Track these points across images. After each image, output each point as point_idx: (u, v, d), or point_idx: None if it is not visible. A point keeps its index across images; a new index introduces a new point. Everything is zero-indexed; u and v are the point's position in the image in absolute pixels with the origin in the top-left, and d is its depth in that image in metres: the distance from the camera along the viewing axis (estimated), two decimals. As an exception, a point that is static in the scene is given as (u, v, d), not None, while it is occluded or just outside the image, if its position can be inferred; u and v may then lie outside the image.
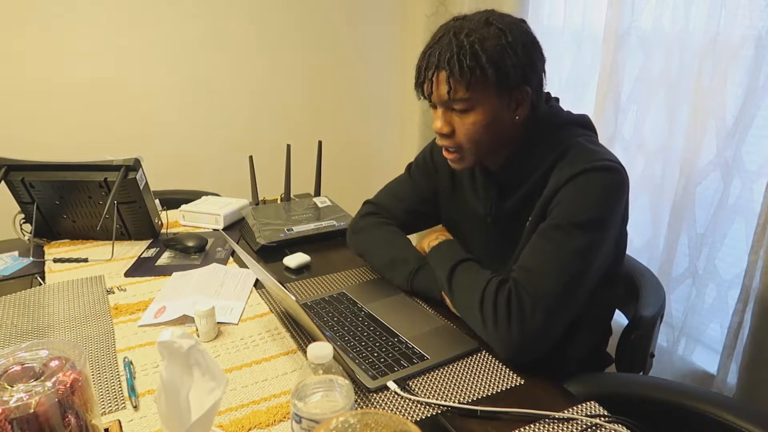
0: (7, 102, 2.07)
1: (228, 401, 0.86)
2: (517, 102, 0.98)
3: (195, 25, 2.27)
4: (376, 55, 2.65)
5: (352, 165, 2.73)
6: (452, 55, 0.93)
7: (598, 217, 0.93)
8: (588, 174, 0.94)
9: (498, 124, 0.98)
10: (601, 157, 0.95)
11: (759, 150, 1.37)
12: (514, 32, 0.95)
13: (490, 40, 0.93)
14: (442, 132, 1.01)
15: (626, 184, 0.97)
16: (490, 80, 0.94)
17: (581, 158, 0.96)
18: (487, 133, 0.99)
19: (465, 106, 0.96)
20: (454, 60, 0.93)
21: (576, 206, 0.93)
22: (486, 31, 0.94)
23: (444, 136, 1.01)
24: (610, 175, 0.94)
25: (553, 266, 0.93)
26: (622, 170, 0.96)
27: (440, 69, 0.95)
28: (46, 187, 1.39)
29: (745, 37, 1.33)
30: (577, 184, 0.94)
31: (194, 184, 2.12)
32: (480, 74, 0.93)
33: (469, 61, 0.92)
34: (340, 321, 1.07)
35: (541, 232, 0.96)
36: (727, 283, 1.49)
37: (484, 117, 0.97)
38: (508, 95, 0.97)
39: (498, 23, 0.95)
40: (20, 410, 0.60)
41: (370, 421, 0.56)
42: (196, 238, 1.42)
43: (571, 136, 1.01)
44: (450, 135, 1.01)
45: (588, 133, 1.05)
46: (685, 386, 0.94)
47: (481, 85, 0.94)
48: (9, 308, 1.15)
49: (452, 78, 0.94)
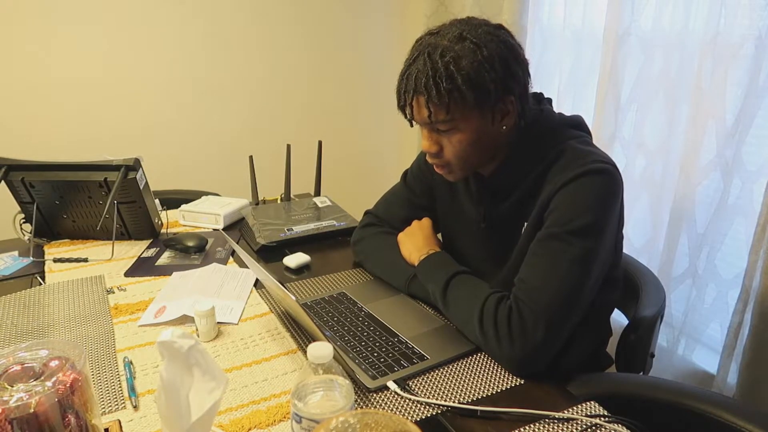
0: (7, 102, 2.07)
1: (228, 401, 0.86)
2: (503, 113, 0.97)
3: (195, 25, 2.27)
4: (376, 55, 2.65)
5: (352, 165, 2.73)
6: (428, 78, 0.91)
7: (593, 223, 0.92)
8: (581, 179, 0.93)
9: (484, 138, 0.98)
10: (594, 159, 0.95)
11: (759, 150, 1.37)
12: (489, 46, 0.92)
13: (465, 59, 0.91)
14: (430, 152, 1.00)
15: (620, 185, 0.96)
16: (468, 101, 0.92)
17: (574, 162, 0.95)
18: (474, 149, 0.98)
19: (448, 126, 0.96)
20: (431, 83, 0.91)
21: (571, 213, 0.93)
22: (460, 48, 0.91)
23: (432, 155, 1.01)
24: (604, 178, 0.93)
25: (553, 279, 0.92)
26: (615, 171, 0.95)
27: (418, 93, 0.94)
28: (46, 187, 1.39)
29: (745, 37, 1.33)
30: (570, 190, 0.93)
31: (194, 184, 2.11)
32: (458, 96, 0.92)
33: (445, 84, 0.91)
34: (340, 321, 1.07)
35: (538, 242, 0.96)
36: (727, 283, 1.49)
37: (469, 135, 0.96)
38: (490, 110, 0.96)
39: (472, 38, 0.92)
40: (20, 410, 0.61)
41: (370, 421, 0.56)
42: (196, 238, 1.42)
43: (564, 138, 1.00)
44: (438, 154, 1.00)
45: (581, 133, 1.04)
46: (685, 386, 0.93)
47: (461, 106, 0.93)
48: (9, 308, 1.15)
49: (430, 102, 0.93)
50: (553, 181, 0.96)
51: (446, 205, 1.21)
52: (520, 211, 1.04)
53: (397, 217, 1.28)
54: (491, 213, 1.09)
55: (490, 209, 1.09)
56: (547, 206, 0.96)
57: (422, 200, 1.25)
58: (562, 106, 1.93)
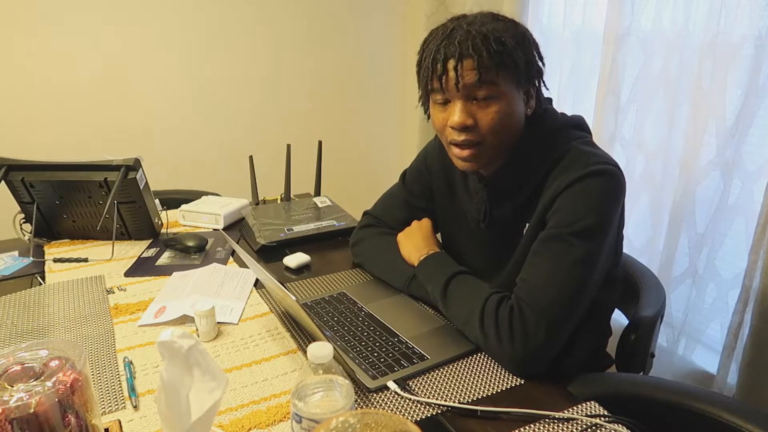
0: (7, 102, 2.07)
1: (228, 401, 0.86)
2: (528, 96, 0.99)
3: (195, 26, 2.27)
4: (376, 54, 2.65)
5: (352, 165, 2.73)
6: (477, 41, 0.91)
7: (596, 224, 0.92)
8: (585, 180, 0.93)
9: (516, 116, 0.97)
10: (597, 161, 0.95)
11: (759, 150, 1.37)
12: (521, 28, 0.96)
13: (507, 31, 0.93)
14: (465, 124, 0.94)
15: (623, 186, 0.96)
16: (518, 66, 0.93)
17: (578, 163, 0.95)
18: (508, 124, 0.96)
19: (491, 92, 0.92)
20: (481, 46, 0.90)
21: (574, 214, 0.93)
22: (498, 25, 0.94)
23: (466, 129, 0.95)
24: (607, 180, 0.94)
25: (555, 279, 0.92)
26: (618, 172, 0.95)
27: (465, 57, 0.91)
28: (46, 187, 1.39)
29: (745, 37, 1.33)
30: (574, 192, 0.93)
31: (194, 184, 2.11)
32: (509, 59, 0.92)
33: (496, 46, 0.91)
34: (340, 321, 1.07)
35: (540, 243, 0.96)
36: (727, 283, 1.49)
37: (506, 106, 0.94)
38: (525, 87, 0.97)
39: (505, 19, 0.95)
40: (20, 410, 0.60)
41: (370, 421, 0.56)
42: (196, 238, 1.42)
43: (567, 139, 1.00)
44: (472, 128, 0.95)
45: (583, 134, 1.04)
46: (685, 386, 0.93)
47: (510, 71, 0.93)
48: (9, 308, 1.15)
49: (481, 65, 0.90)
50: (556, 182, 0.96)
51: (446, 206, 1.20)
52: (521, 212, 1.03)
53: (395, 218, 1.27)
54: (491, 213, 1.09)
55: (491, 209, 1.08)
56: (550, 207, 0.96)
57: (421, 201, 1.25)
58: (562, 106, 1.92)
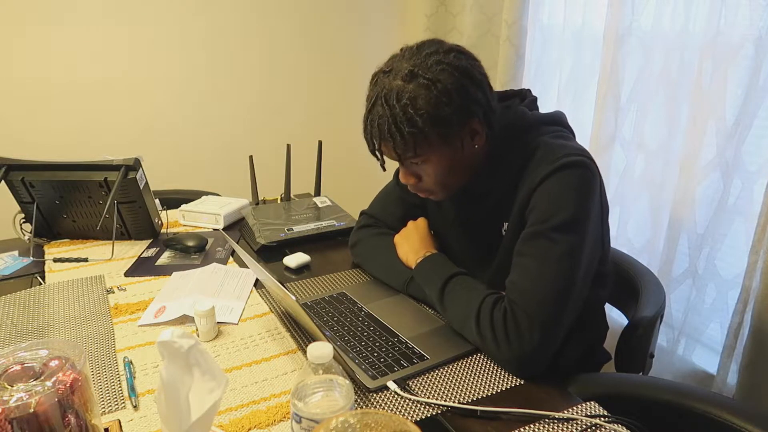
0: (8, 102, 2.07)
1: (228, 401, 0.86)
2: (471, 135, 0.98)
3: (195, 25, 2.27)
4: (376, 54, 2.65)
5: (352, 165, 2.73)
6: (389, 125, 0.93)
7: (574, 216, 0.93)
8: (556, 174, 0.94)
9: (459, 162, 1.00)
10: (566, 152, 0.95)
11: (759, 150, 1.37)
12: (442, 78, 0.91)
13: (420, 98, 0.91)
14: (410, 183, 1.04)
15: (595, 175, 0.96)
16: (433, 138, 0.94)
17: (547, 158, 0.96)
18: (451, 173, 1.01)
19: (419, 161, 0.98)
20: (393, 130, 0.93)
21: (550, 210, 0.93)
22: (414, 88, 0.92)
23: (413, 186, 1.05)
24: (578, 171, 0.94)
25: (542, 278, 0.92)
26: (589, 162, 0.95)
27: (383, 140, 0.96)
28: (46, 186, 1.39)
29: (745, 37, 1.33)
30: (547, 187, 0.94)
31: (194, 184, 2.12)
32: (422, 136, 0.93)
33: (407, 128, 0.92)
34: (340, 321, 1.07)
35: (523, 243, 0.96)
36: (727, 283, 1.49)
37: (443, 164, 0.99)
38: (458, 138, 0.96)
39: (423, 73, 0.92)
40: (20, 410, 0.60)
41: (370, 421, 0.56)
42: (196, 238, 1.42)
43: (536, 135, 1.01)
44: (418, 184, 1.04)
45: (555, 128, 1.04)
46: (685, 386, 0.93)
47: (427, 144, 0.95)
48: (9, 308, 1.15)
49: (397, 147, 0.95)
50: (529, 179, 0.97)
51: (432, 205, 1.22)
52: (498, 212, 1.05)
53: (392, 216, 1.28)
54: (468, 214, 1.11)
55: (467, 210, 1.10)
56: (526, 205, 0.97)
57: (414, 198, 1.25)
58: (563, 106, 1.93)
